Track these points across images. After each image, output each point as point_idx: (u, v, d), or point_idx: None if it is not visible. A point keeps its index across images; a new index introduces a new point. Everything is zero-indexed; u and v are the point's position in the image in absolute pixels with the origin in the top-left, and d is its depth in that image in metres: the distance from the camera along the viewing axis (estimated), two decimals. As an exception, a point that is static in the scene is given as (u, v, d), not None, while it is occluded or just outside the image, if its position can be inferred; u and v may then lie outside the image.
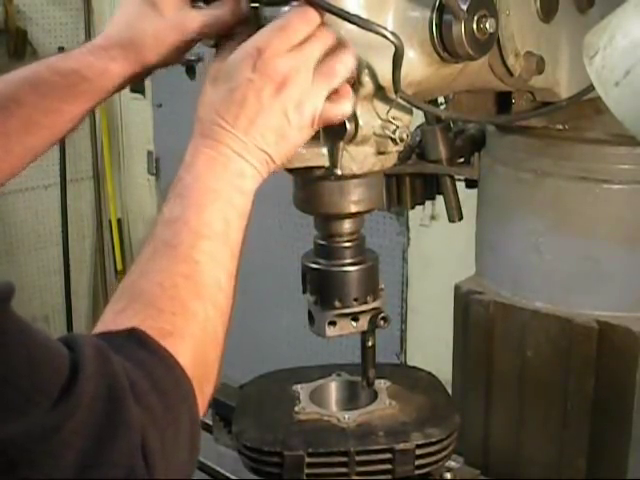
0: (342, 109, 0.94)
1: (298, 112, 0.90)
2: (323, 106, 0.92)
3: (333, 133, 0.99)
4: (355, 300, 1.15)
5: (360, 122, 1.00)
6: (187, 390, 0.76)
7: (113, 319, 0.78)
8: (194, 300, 0.82)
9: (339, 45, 0.93)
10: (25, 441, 0.63)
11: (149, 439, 0.69)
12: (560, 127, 1.31)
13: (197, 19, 1.05)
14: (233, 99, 0.89)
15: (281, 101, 0.89)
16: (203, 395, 0.80)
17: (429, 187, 1.54)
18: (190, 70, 3.76)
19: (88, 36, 4.10)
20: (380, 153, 1.04)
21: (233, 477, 1.39)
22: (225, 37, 1.04)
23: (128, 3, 1.08)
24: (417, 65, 0.99)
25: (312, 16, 0.92)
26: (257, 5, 0.99)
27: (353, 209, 1.10)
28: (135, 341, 0.75)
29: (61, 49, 4.04)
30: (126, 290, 0.82)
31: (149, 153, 4.14)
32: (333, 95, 0.93)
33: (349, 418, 1.30)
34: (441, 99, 1.30)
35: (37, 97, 1.05)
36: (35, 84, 1.05)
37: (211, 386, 0.82)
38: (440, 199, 1.53)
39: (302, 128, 0.92)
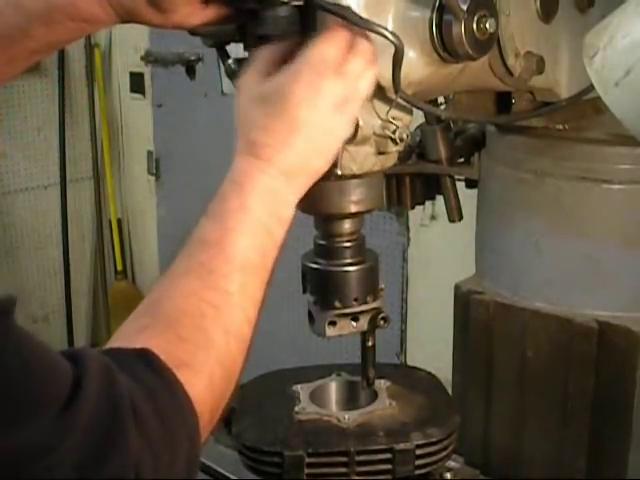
0: None
1: (347, 128, 0.93)
2: None
3: (333, 133, 0.99)
4: (355, 300, 1.15)
5: (360, 122, 1.00)
6: (189, 419, 0.75)
7: (132, 336, 0.77)
8: (219, 333, 0.81)
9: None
10: (19, 457, 0.61)
11: (143, 464, 0.67)
12: (560, 127, 1.31)
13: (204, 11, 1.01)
14: (290, 119, 0.88)
15: (339, 121, 0.90)
16: (206, 427, 0.79)
17: (429, 187, 1.54)
18: (190, 70, 3.77)
19: (88, 36, 4.10)
20: (380, 153, 1.04)
21: (233, 477, 1.39)
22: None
23: None
24: (417, 65, 0.99)
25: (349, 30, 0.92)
26: (256, 6, 0.99)
27: (353, 209, 1.10)
28: (145, 363, 0.73)
29: (61, 49, 4.05)
30: (152, 306, 0.81)
31: (149, 153, 4.14)
32: None
33: (349, 418, 1.30)
34: (441, 99, 1.30)
35: (48, 33, 1.03)
36: (47, 23, 1.01)
37: (217, 416, 0.81)
38: (440, 199, 1.53)
39: (343, 139, 0.94)
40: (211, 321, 0.80)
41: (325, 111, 0.89)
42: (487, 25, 0.98)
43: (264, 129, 0.89)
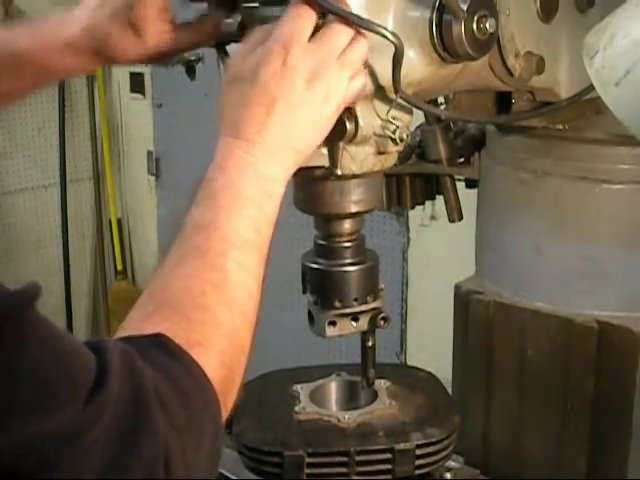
0: (358, 84, 0.94)
1: (328, 103, 0.90)
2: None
3: (333, 133, 0.99)
4: (355, 300, 1.15)
5: (360, 122, 1.00)
6: (211, 400, 0.75)
7: (140, 323, 0.78)
8: (223, 310, 0.81)
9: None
10: (53, 441, 0.62)
11: (171, 447, 0.68)
12: (560, 127, 1.31)
13: (177, 44, 1.10)
14: (264, 97, 0.88)
15: (312, 95, 0.89)
16: (226, 405, 0.79)
17: (429, 187, 1.54)
18: (190, 70, 3.77)
19: (88, 36, 4.10)
20: (380, 153, 1.04)
21: (233, 477, 1.39)
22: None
23: (101, 12, 1.07)
24: (417, 65, 0.99)
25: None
26: (254, 5, 0.99)
27: (353, 209, 1.10)
28: (160, 347, 0.74)
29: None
30: (154, 294, 0.82)
31: (149, 153, 4.14)
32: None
33: (349, 418, 1.30)
34: (441, 99, 1.30)
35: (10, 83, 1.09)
36: (11, 72, 1.07)
37: (234, 396, 0.82)
38: (440, 199, 1.53)
39: (330, 118, 0.92)
40: (213, 299, 0.80)
41: (295, 85, 0.88)
42: (487, 25, 0.98)
43: (242, 108, 0.88)
